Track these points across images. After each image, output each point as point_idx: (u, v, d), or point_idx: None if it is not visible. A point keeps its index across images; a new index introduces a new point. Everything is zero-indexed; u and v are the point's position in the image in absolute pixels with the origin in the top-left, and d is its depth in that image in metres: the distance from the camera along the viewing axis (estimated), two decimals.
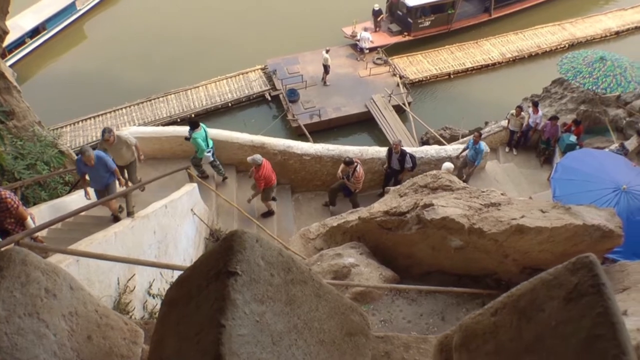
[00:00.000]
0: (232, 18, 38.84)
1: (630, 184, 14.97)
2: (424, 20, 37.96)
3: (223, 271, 2.93)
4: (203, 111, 31.98)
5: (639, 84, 24.32)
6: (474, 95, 34.49)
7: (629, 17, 43.09)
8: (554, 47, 39.15)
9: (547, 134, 23.46)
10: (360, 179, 17.41)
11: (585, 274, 2.83)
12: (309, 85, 32.95)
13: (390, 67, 34.76)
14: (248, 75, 34.46)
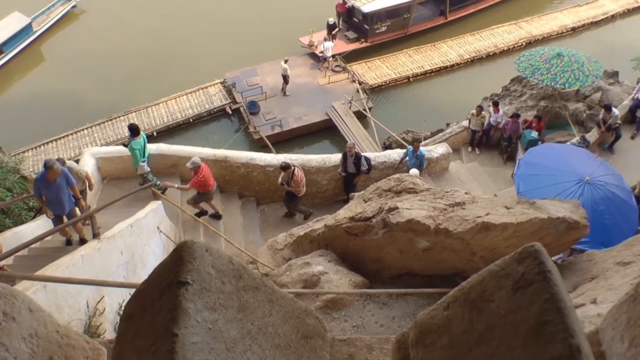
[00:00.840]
0: (189, 33, 38.64)
1: (593, 175, 15.13)
2: (381, 26, 38.01)
3: (174, 282, 2.96)
4: (164, 128, 31.71)
5: (597, 78, 24.68)
6: (434, 97, 34.61)
7: (584, 13, 43.65)
8: (511, 46, 39.44)
9: (508, 132, 23.70)
10: (300, 182, 17.41)
11: (531, 263, 2.89)
12: (269, 97, 32.79)
13: (349, 74, 34.73)
14: (208, 89, 34.25)
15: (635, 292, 3.34)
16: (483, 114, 23.76)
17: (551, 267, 2.84)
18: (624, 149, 23.10)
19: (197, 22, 39.84)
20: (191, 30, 38.91)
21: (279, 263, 12.47)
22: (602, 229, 12.96)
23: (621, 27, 42.95)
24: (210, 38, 38.27)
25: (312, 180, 19.14)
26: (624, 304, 3.42)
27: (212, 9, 40.77)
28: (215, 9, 40.83)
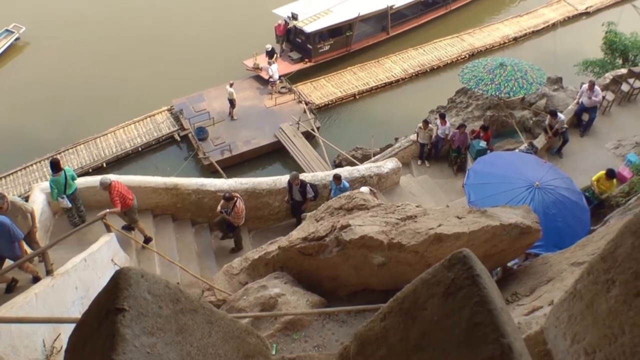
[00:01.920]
0: (134, 62, 38.25)
1: (543, 179, 15.32)
2: (324, 45, 38.07)
3: (111, 309, 2.97)
4: (114, 158, 31.28)
5: (541, 85, 25.01)
6: (382, 112, 34.67)
7: (525, 22, 44.37)
8: (454, 59, 39.77)
9: (456, 143, 23.83)
10: (240, 214, 17.30)
11: (461, 268, 2.98)
12: (216, 122, 32.61)
13: (295, 95, 34.71)
14: (155, 117, 33.89)
15: (574, 289, 3.40)
16: (430, 127, 23.79)
17: (480, 271, 2.92)
18: (572, 153, 23.30)
19: (141, 50, 39.47)
20: (136, 59, 38.54)
21: (235, 288, 12.43)
22: (555, 232, 13.11)
23: (562, 35, 43.65)
24: (156, 65, 37.91)
25: (264, 203, 19.10)
26: (564, 302, 3.49)
27: (156, 36, 40.42)
28: (158, 36, 40.50)
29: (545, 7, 46.77)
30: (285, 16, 37.85)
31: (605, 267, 3.07)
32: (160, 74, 37.17)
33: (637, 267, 2.82)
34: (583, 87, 24.26)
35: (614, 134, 24.15)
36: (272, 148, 31.90)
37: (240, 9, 42.40)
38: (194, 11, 43.00)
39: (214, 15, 42.01)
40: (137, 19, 42.12)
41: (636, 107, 25.98)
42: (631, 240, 2.92)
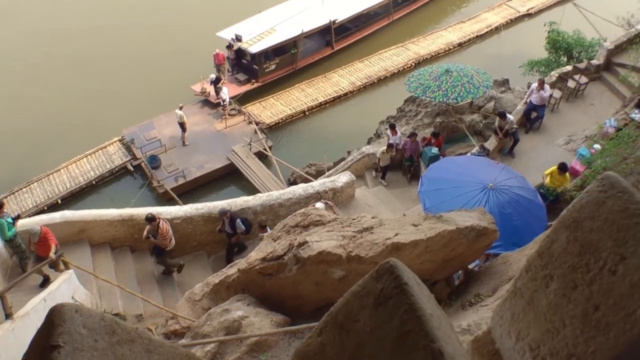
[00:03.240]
0: (81, 93, 37.61)
1: (496, 180, 15.52)
2: (270, 64, 38.00)
3: (47, 347, 2.90)
4: (68, 194, 30.77)
5: (488, 88, 25.23)
6: (333, 127, 34.72)
7: (468, 28, 44.82)
8: (400, 68, 39.94)
9: (409, 151, 23.91)
10: (166, 235, 17.04)
11: (388, 278, 3.00)
12: (168, 148, 32.35)
13: (244, 116, 34.56)
14: (107, 149, 33.46)
15: (514, 287, 3.45)
16: (393, 150, 23.61)
17: (408, 280, 2.94)
18: (524, 151, 23.52)
19: (86, 81, 38.85)
20: (81, 90, 37.90)
21: (199, 314, 12.38)
22: (512, 231, 13.26)
23: (506, 37, 44.23)
24: (103, 96, 37.36)
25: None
26: (506, 300, 3.55)
27: (100, 66, 39.94)
28: (103, 65, 40.01)
29: (487, 11, 47.31)
30: (229, 38, 37.69)
31: (543, 263, 3.10)
32: (108, 104, 36.66)
33: (573, 260, 2.87)
34: (532, 85, 24.56)
35: (564, 130, 24.47)
36: (226, 171, 31.74)
37: (183, 33, 42.08)
38: (136, 38, 42.54)
39: (158, 41, 41.66)
40: (79, 50, 41.49)
41: (583, 103, 26.32)
42: (565, 234, 2.96)
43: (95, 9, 45.23)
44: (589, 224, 2.78)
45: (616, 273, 2.67)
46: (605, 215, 2.72)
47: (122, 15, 44.49)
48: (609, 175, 2.81)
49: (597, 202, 2.78)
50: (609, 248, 2.66)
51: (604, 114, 24.54)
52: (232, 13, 40.63)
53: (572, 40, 31.55)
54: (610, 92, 26.72)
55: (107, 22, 43.73)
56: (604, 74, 27.52)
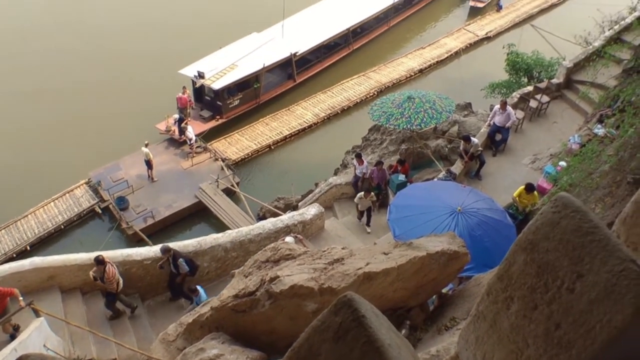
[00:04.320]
0: (46, 137, 37.21)
1: (464, 204, 15.53)
2: (233, 100, 37.99)
3: None
4: (37, 240, 30.29)
5: (451, 113, 25.40)
6: (299, 160, 34.83)
7: (428, 54, 45.32)
8: (363, 97, 40.20)
9: (376, 180, 23.87)
10: (112, 279, 16.65)
11: (347, 312, 3.07)
12: (136, 189, 32.12)
13: (210, 153, 34.50)
14: (74, 192, 33.05)
15: (477, 311, 3.49)
16: (372, 195, 23.41)
17: (365, 312, 3.01)
18: (491, 173, 23.70)
19: (51, 124, 38.42)
20: (47, 134, 37.48)
21: (174, 355, 12.15)
22: (483, 253, 13.30)
23: (466, 61, 44.74)
24: (68, 139, 37.01)
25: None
26: (470, 324, 3.57)
27: (63, 108, 39.50)
28: (66, 107, 39.58)
29: (447, 36, 47.93)
30: (192, 75, 37.61)
31: (503, 286, 3.15)
32: (73, 147, 36.30)
33: (531, 281, 2.89)
34: (495, 107, 24.69)
35: (529, 150, 24.70)
36: (195, 209, 31.58)
37: (146, 71, 42.02)
38: (99, 78, 42.08)
39: (120, 81, 41.46)
40: (41, 92, 40.92)
41: (547, 121, 26.61)
42: (522, 256, 3.00)
43: (58, 48, 44.88)
44: (545, 245, 2.78)
45: (574, 291, 2.68)
46: (560, 236, 2.73)
47: (84, 55, 44.20)
48: (562, 196, 2.82)
49: (552, 223, 2.79)
50: (565, 267, 2.67)
51: (567, 131, 24.85)
52: (193, 50, 40.59)
53: (532, 60, 31.95)
54: (572, 109, 27.08)
55: (69, 62, 43.47)
56: (564, 92, 27.92)
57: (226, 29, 44.31)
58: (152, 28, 47.38)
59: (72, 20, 47.75)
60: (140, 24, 48.01)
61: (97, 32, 46.77)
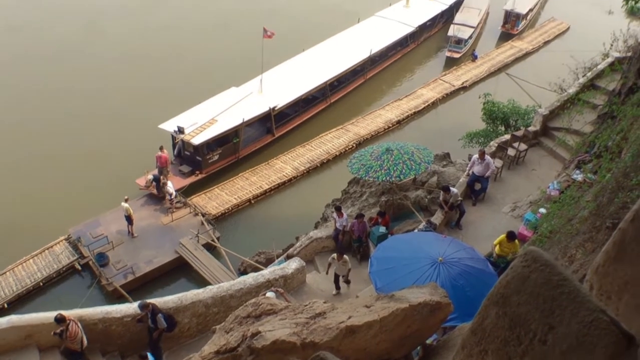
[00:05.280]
0: (25, 193, 36.94)
1: (445, 254, 15.62)
2: (213, 155, 38.04)
3: None
4: (15, 297, 29.96)
5: (429, 164, 25.50)
6: (279, 213, 34.91)
7: (405, 105, 45.87)
8: (342, 150, 40.47)
9: (357, 233, 23.87)
10: (74, 338, 16.32)
11: None
12: (116, 245, 31.93)
13: (190, 208, 34.42)
14: (53, 249, 32.78)
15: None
16: (345, 258, 23.14)
17: None
18: (471, 222, 23.74)
19: (31, 179, 38.23)
20: (26, 190, 37.26)
21: None
22: (466, 302, 13.25)
23: (444, 111, 45.32)
24: (48, 195, 36.83)
25: None
26: None
27: (42, 163, 39.32)
28: (45, 163, 39.38)
29: (423, 87, 48.58)
30: (172, 130, 37.71)
31: (477, 340, 3.09)
32: (53, 203, 36.14)
33: (504, 334, 2.84)
34: (473, 157, 24.78)
35: (509, 198, 24.85)
36: (175, 264, 31.41)
37: (125, 126, 41.99)
38: (78, 132, 42.10)
39: (100, 135, 41.40)
40: (18, 148, 40.75)
41: (525, 169, 26.80)
42: (495, 310, 3.03)
43: (38, 105, 44.91)
44: (516, 299, 2.78)
45: (546, 342, 2.65)
46: (530, 289, 2.73)
47: (64, 111, 44.18)
48: (531, 251, 2.83)
49: (522, 277, 2.79)
50: (537, 319, 2.67)
51: (546, 177, 25.03)
52: (173, 105, 40.72)
53: (508, 109, 32.30)
54: (550, 156, 27.33)
55: (48, 118, 43.45)
56: (542, 139, 28.19)
57: (205, 84, 44.63)
58: (132, 83, 47.54)
59: (51, 80, 47.69)
60: (120, 79, 48.13)
61: (76, 88, 46.84)
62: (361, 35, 51.53)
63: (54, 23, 57.57)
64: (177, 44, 53.59)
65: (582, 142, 24.16)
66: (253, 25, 47.10)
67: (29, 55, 51.37)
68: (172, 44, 53.51)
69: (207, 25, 57.75)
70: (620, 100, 22.22)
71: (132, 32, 55.81)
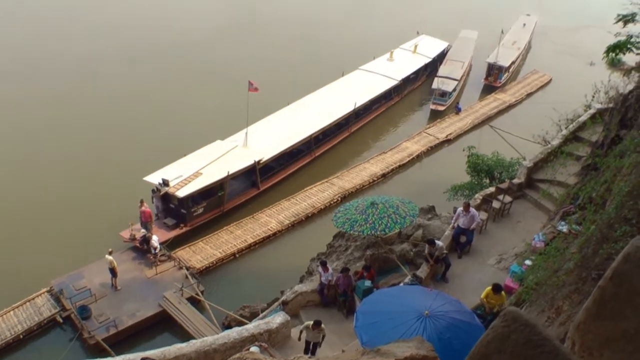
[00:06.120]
0: (7, 244, 36.40)
1: (432, 307, 15.57)
2: (197, 208, 37.90)
3: None
4: None
5: (414, 217, 25.45)
6: (264, 267, 34.75)
7: (390, 158, 45.99)
8: (327, 203, 40.44)
9: (342, 287, 23.78)
10: None
11: None
12: (99, 297, 31.53)
13: (175, 261, 34.15)
14: (35, 301, 32.29)
15: None
16: (322, 327, 22.88)
17: None
18: (457, 275, 23.66)
19: (12, 230, 37.77)
20: (8, 240, 36.78)
21: None
22: (453, 355, 13.10)
23: (428, 164, 45.52)
24: (31, 246, 36.37)
25: None
26: None
27: (25, 214, 39.04)
28: (28, 213, 39.08)
29: (407, 140, 48.78)
30: (156, 183, 37.54)
31: None
32: (36, 254, 35.65)
33: None
34: (458, 210, 24.83)
35: (494, 250, 24.83)
36: (159, 318, 31.06)
37: (110, 178, 41.87)
38: (63, 183, 41.99)
39: (85, 186, 41.23)
40: (3, 196, 40.46)
41: (510, 221, 26.83)
42: None
43: (22, 153, 44.93)
44: (497, 358, 2.70)
45: None
46: (511, 349, 2.68)
47: (47, 161, 44.19)
48: (511, 311, 2.78)
49: (502, 337, 2.73)
50: None
51: (531, 229, 24.98)
52: (158, 157, 40.71)
53: (492, 162, 32.43)
54: (535, 207, 27.41)
55: (32, 166, 43.46)
56: (526, 191, 28.31)
57: (190, 137, 44.66)
58: (116, 135, 47.52)
59: (34, 127, 47.78)
60: (106, 130, 48.19)
61: (60, 137, 46.93)
62: (345, 89, 52.06)
63: (39, 70, 58.20)
64: (163, 97, 53.81)
65: (567, 194, 24.21)
66: (239, 78, 47.40)
67: (16, 100, 51.71)
68: (157, 97, 53.78)
69: (193, 79, 58.08)
70: (603, 152, 22.32)
71: (119, 83, 56.20)
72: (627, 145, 17.32)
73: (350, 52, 63.55)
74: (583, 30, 76.56)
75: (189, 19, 74.33)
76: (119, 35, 66.85)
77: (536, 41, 73.38)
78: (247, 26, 72.64)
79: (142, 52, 63.37)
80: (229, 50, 65.39)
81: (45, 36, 66.11)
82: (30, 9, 73.95)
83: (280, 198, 41.07)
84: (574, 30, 77.81)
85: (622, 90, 27.15)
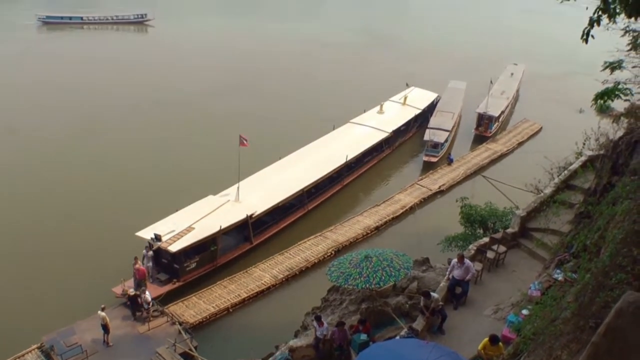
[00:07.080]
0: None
1: None
2: (190, 263, 37.63)
3: None
4: None
5: (409, 270, 25.35)
6: (258, 322, 34.43)
7: (383, 211, 46.01)
8: (321, 257, 40.23)
9: (337, 341, 23.80)
10: None
11: None
12: (90, 354, 30.86)
13: (167, 317, 33.72)
14: (25, 357, 31.68)
15: None
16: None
17: None
18: (454, 327, 23.36)
19: (5, 285, 37.18)
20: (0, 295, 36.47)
21: None
22: None
23: (421, 216, 45.44)
24: (21, 302, 35.91)
25: None
26: None
27: (15, 269, 38.65)
28: (18, 268, 38.65)
29: (400, 192, 48.90)
30: (149, 237, 37.31)
31: None
32: (26, 310, 35.25)
33: None
34: (453, 261, 24.74)
35: (490, 300, 24.63)
36: None
37: (102, 233, 41.66)
38: (54, 239, 41.62)
39: (77, 243, 40.92)
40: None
41: (505, 271, 26.69)
42: None
43: (17, 205, 45.11)
44: None
45: None
46: None
47: (39, 212, 44.24)
48: None
49: None
50: None
51: (527, 278, 24.85)
52: (150, 212, 40.59)
53: (485, 212, 32.43)
54: (530, 257, 27.29)
55: (23, 219, 43.41)
56: (521, 240, 28.18)
57: (182, 192, 44.65)
58: (108, 190, 47.63)
59: (26, 183, 47.77)
60: (97, 185, 48.32)
61: (53, 192, 47.13)
62: (337, 142, 52.35)
63: (36, 125, 58.78)
64: (155, 153, 54.02)
65: (561, 243, 24.15)
66: (231, 133, 47.40)
67: (12, 156, 52.05)
68: (150, 152, 54.10)
69: (185, 134, 58.43)
70: (595, 199, 22.33)
71: (113, 139, 56.59)
72: (620, 192, 17.38)
73: (340, 105, 64.39)
74: (571, 78, 77.68)
75: (182, 77, 74.95)
76: (110, 94, 67.66)
77: (524, 89, 74.25)
78: (238, 82, 73.20)
79: (134, 110, 63.94)
80: (221, 105, 65.88)
81: (40, 93, 66.88)
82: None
83: (273, 252, 40.87)
84: (562, 77, 79.00)
85: (612, 136, 27.27)
